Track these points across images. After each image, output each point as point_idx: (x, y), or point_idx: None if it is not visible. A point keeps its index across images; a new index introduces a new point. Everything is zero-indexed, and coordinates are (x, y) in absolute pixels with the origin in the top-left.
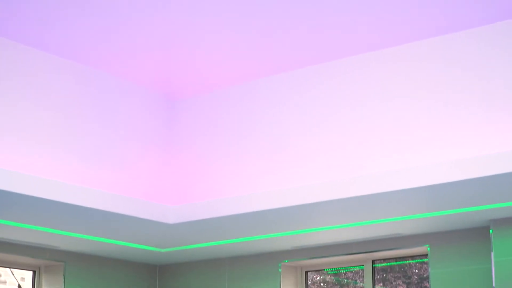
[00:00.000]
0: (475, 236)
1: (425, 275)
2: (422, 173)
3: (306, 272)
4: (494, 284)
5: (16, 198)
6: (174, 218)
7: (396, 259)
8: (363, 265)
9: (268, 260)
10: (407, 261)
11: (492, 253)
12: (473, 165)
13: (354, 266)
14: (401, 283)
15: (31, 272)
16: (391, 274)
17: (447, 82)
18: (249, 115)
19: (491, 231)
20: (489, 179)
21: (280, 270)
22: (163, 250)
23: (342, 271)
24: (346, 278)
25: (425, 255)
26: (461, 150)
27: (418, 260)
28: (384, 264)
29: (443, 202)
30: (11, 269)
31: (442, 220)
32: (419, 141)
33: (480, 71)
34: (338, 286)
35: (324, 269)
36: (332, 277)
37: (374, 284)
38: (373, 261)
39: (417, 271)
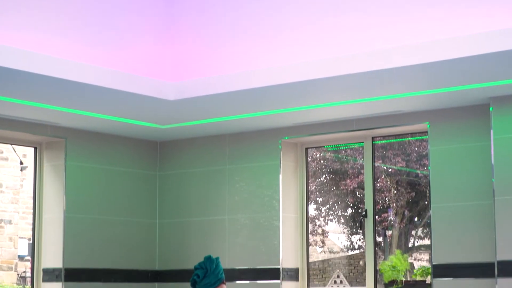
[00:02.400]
0: (475, 114)
1: (424, 153)
2: (423, 50)
3: (306, 149)
4: (492, 161)
5: (16, 75)
6: (174, 95)
7: (395, 136)
8: (362, 142)
9: (268, 137)
10: (407, 138)
11: (492, 131)
12: (474, 42)
13: (354, 143)
14: (400, 160)
15: (33, 148)
16: (391, 151)
17: None
18: None
19: (491, 108)
20: (490, 56)
21: (280, 146)
22: (163, 127)
23: (342, 148)
24: (346, 155)
25: (425, 132)
26: (461, 27)
27: (418, 137)
28: (383, 141)
29: (443, 79)
30: (13, 145)
31: (442, 98)
32: (420, 18)
33: None
34: (338, 163)
35: (324, 146)
36: (332, 154)
37: (373, 161)
38: (373, 138)
39: (416, 148)
